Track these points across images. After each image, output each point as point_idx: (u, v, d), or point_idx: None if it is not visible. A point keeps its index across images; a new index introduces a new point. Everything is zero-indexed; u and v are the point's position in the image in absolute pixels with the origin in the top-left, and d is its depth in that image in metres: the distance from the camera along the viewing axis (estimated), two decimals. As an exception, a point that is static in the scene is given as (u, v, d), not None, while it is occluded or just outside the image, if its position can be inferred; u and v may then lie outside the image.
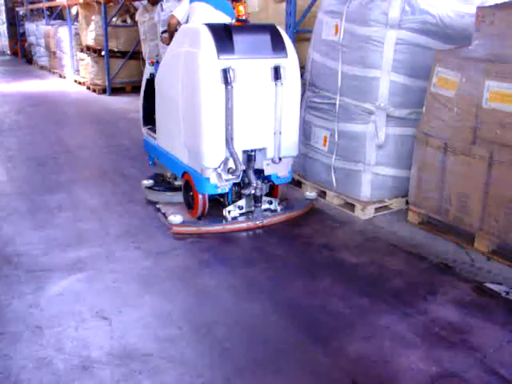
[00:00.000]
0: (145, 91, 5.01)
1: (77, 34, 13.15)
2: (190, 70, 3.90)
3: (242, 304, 3.09)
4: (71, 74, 13.62)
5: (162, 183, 4.78)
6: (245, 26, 4.08)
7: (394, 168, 4.36)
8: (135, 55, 11.03)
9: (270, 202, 4.28)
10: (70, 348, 2.66)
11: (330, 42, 4.46)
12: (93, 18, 11.55)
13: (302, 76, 5.01)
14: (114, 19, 11.04)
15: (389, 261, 3.60)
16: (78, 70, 13.25)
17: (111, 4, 11.07)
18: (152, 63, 4.96)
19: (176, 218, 4.05)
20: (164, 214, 4.30)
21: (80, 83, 12.67)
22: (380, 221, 4.25)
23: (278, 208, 4.29)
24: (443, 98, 3.79)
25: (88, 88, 11.93)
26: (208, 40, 3.76)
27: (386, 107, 4.18)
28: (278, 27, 4.11)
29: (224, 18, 4.66)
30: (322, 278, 3.38)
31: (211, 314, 2.97)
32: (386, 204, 4.41)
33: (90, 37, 11.71)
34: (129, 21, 11.19)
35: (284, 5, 5.27)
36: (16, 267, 3.51)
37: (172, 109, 4.22)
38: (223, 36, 3.80)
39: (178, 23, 4.80)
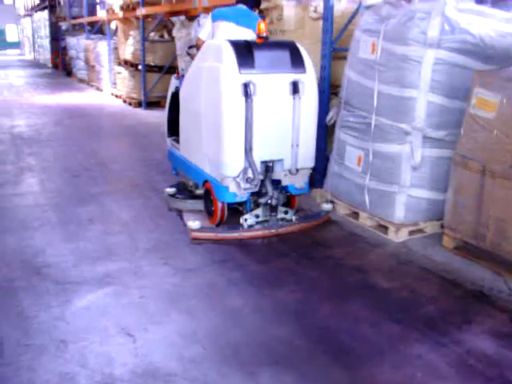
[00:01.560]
0: (170, 104, 5.23)
1: (115, 48, 13.39)
2: (212, 84, 4.07)
3: (269, 326, 3.02)
4: (108, 87, 13.85)
5: (184, 191, 4.94)
6: (265, 43, 4.21)
7: (430, 190, 4.24)
8: (171, 70, 11.12)
9: (286, 212, 4.40)
10: (93, 364, 2.63)
11: (367, 60, 4.39)
12: (131, 32, 11.75)
13: (337, 94, 4.99)
14: (152, 34, 11.18)
15: (422, 286, 3.48)
16: (115, 84, 13.46)
17: (149, 19, 11.23)
18: (177, 77, 5.15)
19: (195, 224, 4.18)
20: (184, 221, 4.46)
21: (116, 96, 12.87)
22: (414, 244, 4.13)
23: (294, 218, 4.40)
24: (482, 119, 3.68)
25: (124, 101, 12.10)
26: (230, 55, 3.93)
27: (423, 128, 4.08)
28: (298, 44, 4.28)
29: (247, 33, 4.72)
30: (352, 301, 3.28)
31: (237, 335, 2.91)
32: (420, 227, 4.29)
33: (127, 51, 11.90)
34: (166, 36, 11.31)
35: (321, 22, 5.23)
36: (45, 278, 3.51)
37: (195, 120, 4.41)
38: (244, 52, 3.97)
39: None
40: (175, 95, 5.06)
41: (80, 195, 5.27)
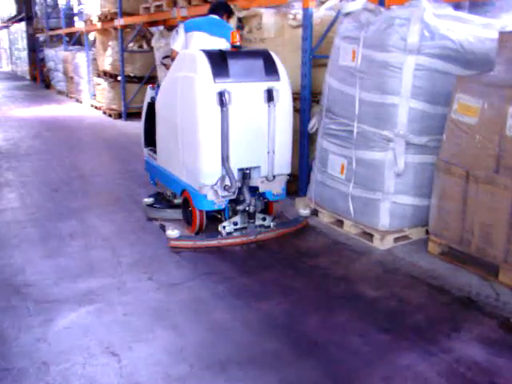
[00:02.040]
0: (146, 114, 5.27)
1: (94, 59, 13.29)
2: (187, 93, 4.13)
3: (257, 340, 2.96)
4: (88, 99, 13.72)
5: (162, 201, 4.98)
6: (239, 52, 4.28)
7: (414, 197, 4.23)
8: (151, 80, 11.03)
9: (264, 219, 4.44)
10: (76, 387, 2.56)
11: (347, 67, 4.38)
12: (110, 43, 11.66)
13: (318, 102, 4.96)
14: (131, 45, 11.11)
15: (409, 294, 3.45)
16: (94, 95, 13.35)
17: (128, 30, 11.16)
18: (153, 87, 5.17)
19: (173, 233, 4.26)
20: (163, 229, 4.50)
21: (96, 108, 12.76)
22: (399, 251, 4.11)
23: (272, 224, 4.44)
24: (464, 125, 3.68)
25: (104, 113, 11.99)
26: (204, 65, 3.99)
27: (405, 134, 4.07)
28: (271, 52, 4.35)
29: (220, 43, 4.79)
30: (339, 312, 3.25)
31: (224, 351, 2.85)
32: (405, 234, 4.27)
33: (106, 62, 11.81)
34: (145, 46, 11.24)
35: (300, 30, 5.21)
36: (25, 298, 3.42)
37: (171, 130, 4.44)
38: (219, 61, 4.03)
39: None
40: (151, 105, 5.09)
41: (60, 210, 5.18)
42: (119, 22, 10.58)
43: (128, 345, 2.90)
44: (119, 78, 11.20)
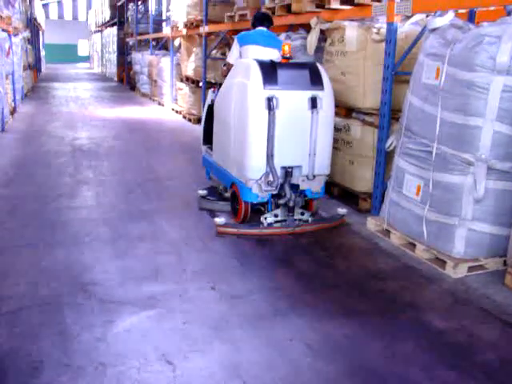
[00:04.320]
0: (206, 114, 5.79)
1: (178, 64, 13.61)
2: (240, 97, 4.64)
3: (315, 362, 2.86)
4: (169, 103, 14.06)
5: (214, 194, 5.52)
6: (288, 63, 4.77)
7: (493, 225, 3.99)
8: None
9: (302, 214, 4.86)
10: (130, 392, 2.56)
11: (430, 86, 4.21)
12: (194, 49, 11.90)
13: (397, 120, 4.81)
14: (214, 52, 11.27)
15: (481, 329, 3.24)
16: (176, 99, 13.65)
17: (212, 37, 11.34)
18: (214, 90, 5.69)
19: (220, 220, 4.72)
20: (212, 217, 5.00)
21: (177, 112, 13.04)
22: (473, 281, 3.89)
23: (310, 219, 4.85)
24: (554, 153, 3.44)
25: (184, 117, 12.23)
26: (256, 73, 4.50)
27: (488, 159, 3.86)
28: (318, 64, 4.83)
29: (273, 53, 5.30)
30: (403, 341, 3.09)
31: (280, 371, 2.77)
32: (480, 263, 4.04)
33: (189, 68, 12.05)
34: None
35: (383, 45, 5.08)
36: (90, 296, 3.49)
37: (225, 129, 4.97)
38: (269, 70, 4.52)
39: None
40: (211, 107, 5.60)
41: (132, 211, 5.29)
42: (204, 29, 10.77)
43: (184, 354, 2.88)
44: (201, 83, 11.39)
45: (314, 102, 4.56)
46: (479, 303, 3.58)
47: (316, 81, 4.63)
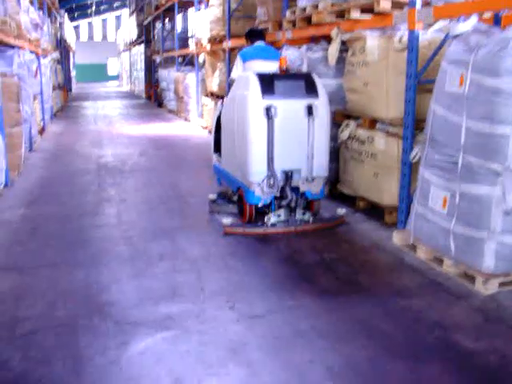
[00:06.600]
0: (216, 125, 6.21)
1: (203, 80, 13.64)
2: (242, 108, 5.03)
3: (335, 387, 2.73)
4: (195, 118, 14.09)
5: (224, 198, 5.90)
6: (284, 75, 5.18)
7: (525, 237, 3.80)
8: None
9: (304, 214, 5.21)
10: (140, 419, 2.47)
11: (454, 94, 4.05)
12: (218, 64, 11.90)
13: (422, 130, 4.65)
14: (238, 67, 11.24)
15: (513, 350, 3.06)
16: (201, 115, 13.67)
17: (235, 52, 11.30)
18: (222, 103, 6.09)
19: (227, 220, 5.06)
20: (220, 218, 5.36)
21: (203, 127, 13.04)
22: (505, 298, 3.69)
23: (311, 219, 5.18)
24: None
25: (209, 132, 12.19)
26: (255, 84, 4.88)
27: (517, 168, 3.68)
28: (313, 74, 5.21)
29: (274, 65, 5.64)
30: (429, 363, 2.93)
31: (298, 396, 2.65)
32: (512, 278, 3.85)
33: (214, 83, 12.05)
34: (252, 68, 11.32)
35: (405, 54, 4.93)
36: (105, 318, 3.42)
37: (231, 137, 5.38)
38: (267, 81, 4.91)
39: None
40: (219, 118, 6.01)
41: (153, 229, 5.23)
42: (227, 43, 10.77)
43: (198, 378, 2.78)
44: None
45: (310, 110, 4.92)
46: (511, 322, 3.38)
47: (311, 90, 5.01)
